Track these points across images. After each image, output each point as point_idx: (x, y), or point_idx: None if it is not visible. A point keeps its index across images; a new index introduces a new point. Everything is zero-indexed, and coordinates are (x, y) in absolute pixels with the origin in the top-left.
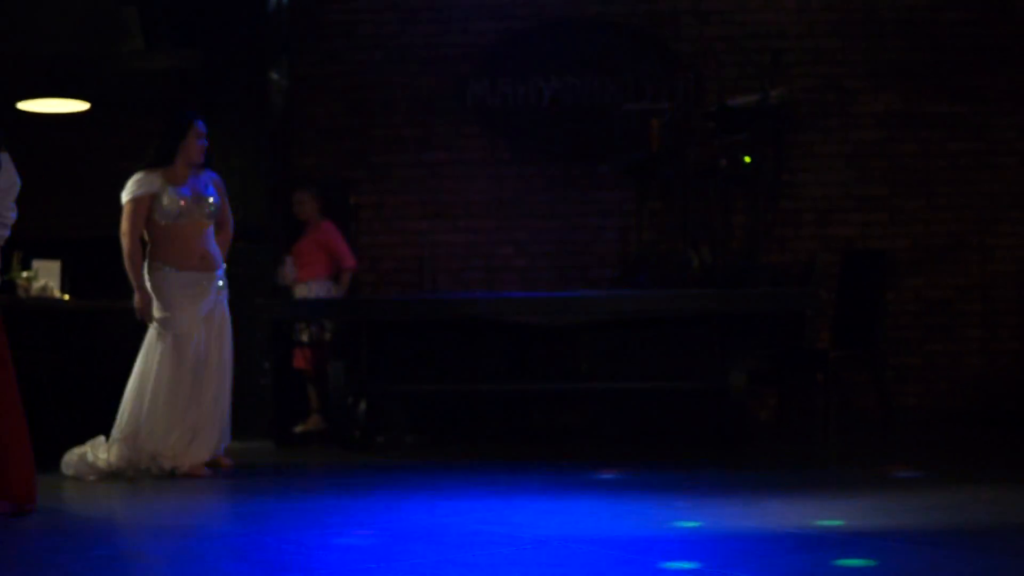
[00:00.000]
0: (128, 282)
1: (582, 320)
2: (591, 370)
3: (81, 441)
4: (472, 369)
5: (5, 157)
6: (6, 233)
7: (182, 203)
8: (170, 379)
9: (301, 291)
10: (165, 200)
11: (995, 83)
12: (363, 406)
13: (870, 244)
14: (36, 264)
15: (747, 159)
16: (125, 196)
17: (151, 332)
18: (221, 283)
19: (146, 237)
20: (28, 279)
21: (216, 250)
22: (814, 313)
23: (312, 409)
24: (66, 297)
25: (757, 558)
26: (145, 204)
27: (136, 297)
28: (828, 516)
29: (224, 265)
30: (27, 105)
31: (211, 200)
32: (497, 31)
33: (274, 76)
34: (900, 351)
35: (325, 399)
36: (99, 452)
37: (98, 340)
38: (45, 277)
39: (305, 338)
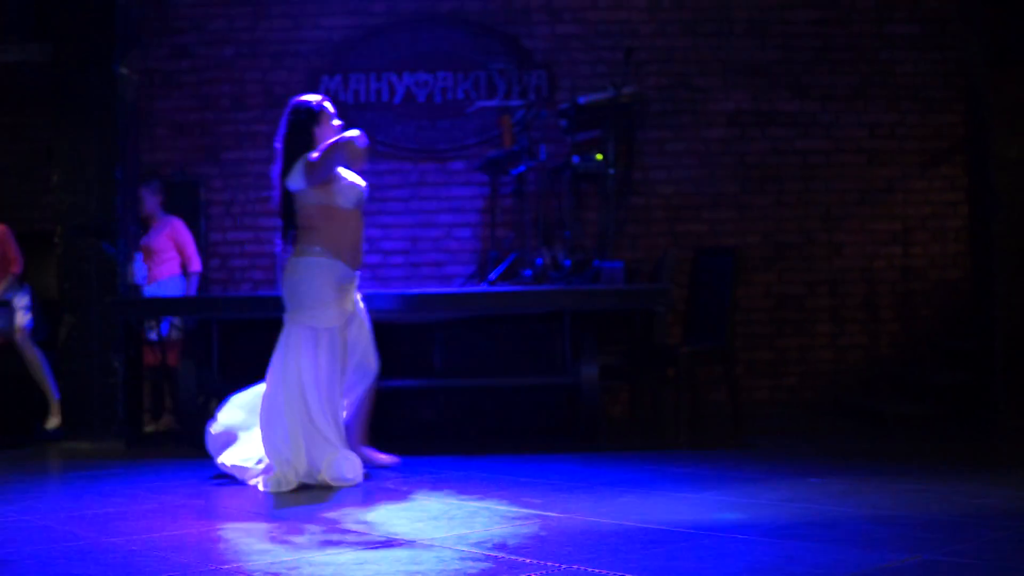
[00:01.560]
0: None
1: (435, 317)
2: (444, 367)
3: None
4: None
5: None
6: None
7: (360, 188)
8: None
9: (155, 289)
10: (349, 180)
11: (843, 82)
12: (214, 405)
13: (720, 241)
14: None
15: (599, 156)
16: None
17: (291, 334)
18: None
19: (303, 221)
20: None
21: None
22: (665, 309)
23: (165, 409)
24: None
25: (609, 553)
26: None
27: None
28: (680, 511)
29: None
30: None
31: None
32: (350, 27)
33: (124, 71)
34: (751, 346)
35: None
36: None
37: None
38: None
39: (155, 336)
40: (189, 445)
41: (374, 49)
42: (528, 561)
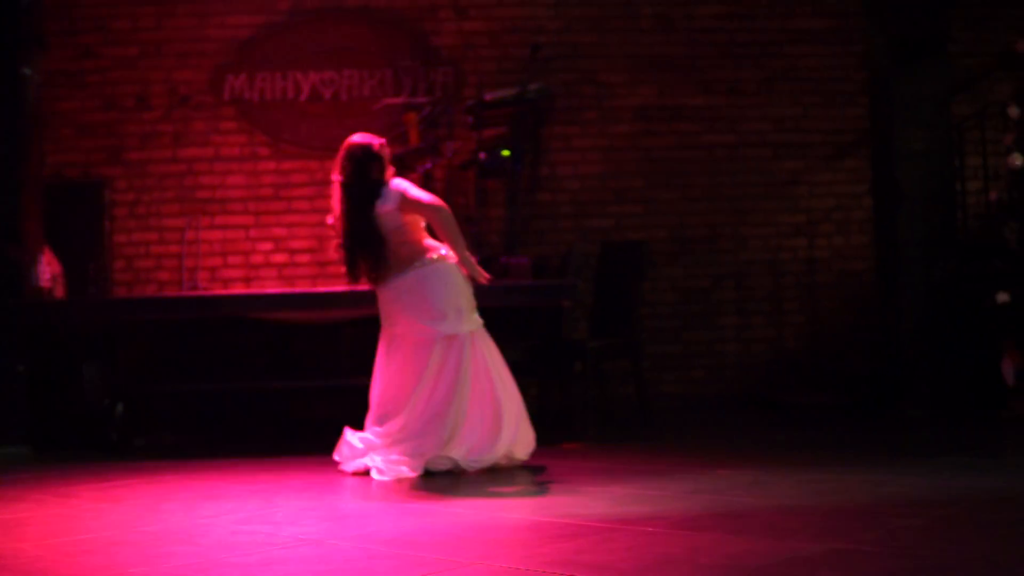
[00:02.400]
0: None
1: (342, 316)
2: (352, 366)
3: None
4: (232, 367)
5: None
6: None
7: None
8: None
9: None
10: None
11: (748, 76)
12: (120, 408)
13: (627, 235)
14: None
15: (506, 152)
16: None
17: (467, 342)
18: None
19: (420, 236)
20: None
21: None
22: (572, 304)
23: None
24: None
25: (519, 547)
26: None
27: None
28: (590, 504)
29: None
30: None
31: None
32: (255, 25)
33: (27, 71)
34: (658, 339)
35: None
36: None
37: None
38: None
39: None
40: (96, 449)
41: (279, 47)
42: (436, 557)
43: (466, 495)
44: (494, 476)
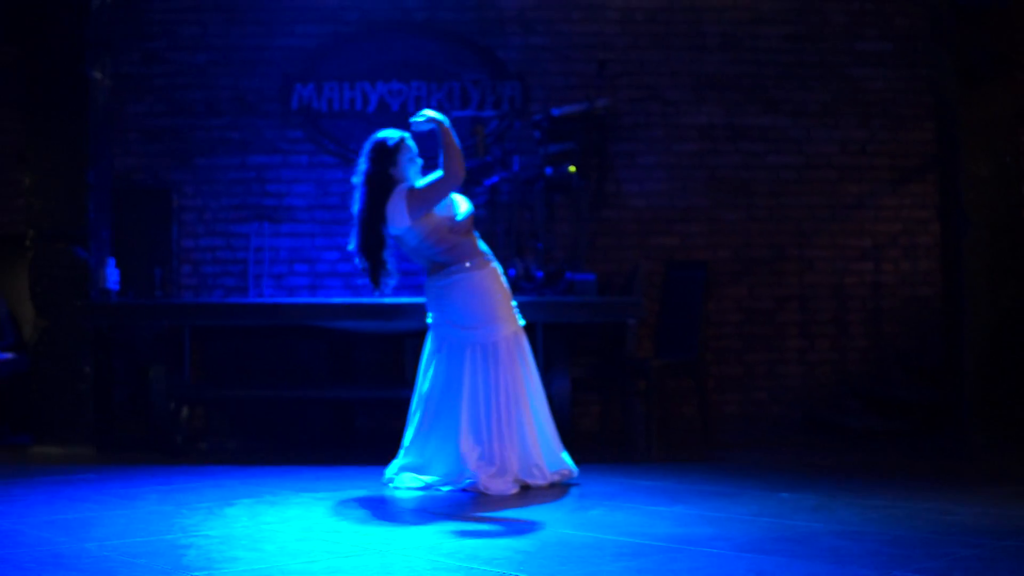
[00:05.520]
0: None
1: (407, 326)
2: (415, 377)
3: None
4: (297, 374)
5: None
6: None
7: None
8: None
9: None
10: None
11: (814, 98)
12: (186, 411)
13: (691, 255)
14: None
15: (572, 168)
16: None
17: (502, 348)
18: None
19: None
20: None
21: None
22: (636, 322)
23: None
24: None
25: (581, 564)
26: None
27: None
28: (652, 524)
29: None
30: None
31: None
32: (323, 34)
33: (96, 75)
34: (721, 360)
35: None
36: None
37: None
38: None
39: None
40: (160, 452)
41: (347, 57)
42: (500, 572)
43: (529, 512)
44: (555, 492)
